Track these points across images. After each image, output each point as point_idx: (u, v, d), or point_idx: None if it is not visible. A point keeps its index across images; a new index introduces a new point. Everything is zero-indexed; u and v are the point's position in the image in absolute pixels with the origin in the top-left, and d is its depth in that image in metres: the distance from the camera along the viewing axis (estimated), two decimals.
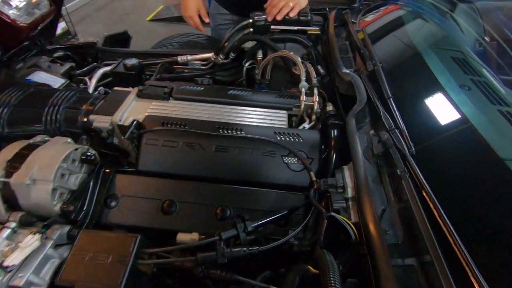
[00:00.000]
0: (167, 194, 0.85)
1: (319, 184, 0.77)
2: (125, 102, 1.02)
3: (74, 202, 0.77)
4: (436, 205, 0.54)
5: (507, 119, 0.70)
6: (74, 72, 1.50)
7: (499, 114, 0.71)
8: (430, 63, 0.87)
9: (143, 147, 0.90)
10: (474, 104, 0.74)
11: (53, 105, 1.00)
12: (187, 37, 1.97)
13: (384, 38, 1.20)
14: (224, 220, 0.82)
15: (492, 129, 0.65)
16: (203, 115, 1.00)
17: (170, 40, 1.95)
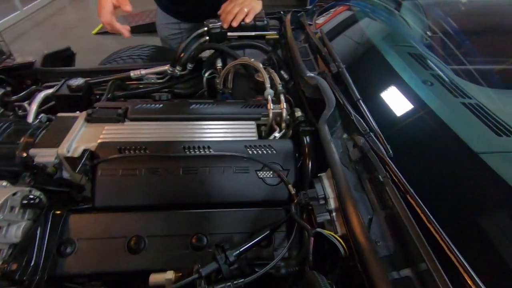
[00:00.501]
0: (132, 229, 0.76)
1: (299, 198, 0.72)
2: (72, 130, 0.90)
3: (17, 258, 0.65)
4: (423, 209, 0.52)
5: (472, 111, 0.71)
6: (9, 98, 1.32)
7: (463, 106, 0.73)
8: (391, 60, 0.88)
9: (99, 180, 0.79)
10: (439, 99, 0.74)
11: None
12: (138, 49, 1.85)
13: (340, 39, 1.20)
14: (202, 250, 0.75)
15: (462, 123, 0.66)
16: (165, 136, 0.91)
17: (120, 54, 1.81)
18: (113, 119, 0.95)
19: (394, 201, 0.55)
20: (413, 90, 0.77)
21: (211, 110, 1.00)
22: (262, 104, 1.03)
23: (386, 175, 0.59)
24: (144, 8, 4.54)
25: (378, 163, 0.62)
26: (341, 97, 0.83)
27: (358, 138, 0.67)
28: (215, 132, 0.94)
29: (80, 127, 0.91)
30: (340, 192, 0.62)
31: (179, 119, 0.98)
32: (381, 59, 0.92)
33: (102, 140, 0.87)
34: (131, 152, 0.83)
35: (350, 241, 0.58)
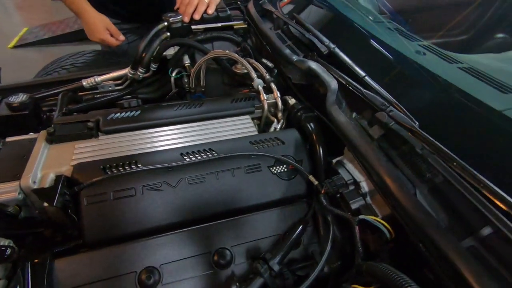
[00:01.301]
0: (140, 261, 0.63)
1: (326, 187, 0.67)
2: (33, 155, 0.72)
3: None
4: (473, 172, 0.50)
5: (470, 74, 0.73)
6: None
7: (462, 71, 0.74)
8: (380, 35, 0.87)
9: (85, 210, 0.63)
10: (439, 66, 0.75)
11: None
12: (81, 56, 1.61)
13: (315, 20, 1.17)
14: (228, 266, 0.65)
15: (471, 85, 0.66)
16: (154, 145, 0.78)
17: (60, 64, 1.56)
18: (83, 135, 0.78)
19: (441, 170, 0.53)
20: (413, 60, 0.77)
21: (199, 109, 0.89)
22: (251, 96, 0.96)
23: (423, 146, 0.56)
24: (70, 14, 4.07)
25: (409, 136, 0.59)
26: (342, 77, 0.80)
27: (380, 114, 0.64)
28: (210, 132, 0.83)
29: (42, 150, 0.74)
30: (375, 171, 0.58)
31: (165, 124, 0.85)
32: (366, 35, 0.90)
33: (76, 162, 0.71)
34: (120, 169, 0.69)
35: (400, 219, 0.54)
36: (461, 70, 0.73)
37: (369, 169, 0.61)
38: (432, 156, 0.55)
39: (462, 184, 0.51)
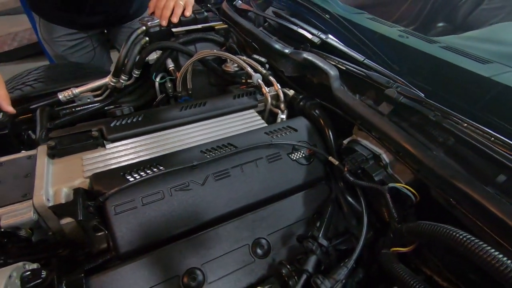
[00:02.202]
0: (182, 264, 0.60)
1: (349, 164, 0.71)
2: (38, 172, 0.65)
3: None
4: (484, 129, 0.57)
5: (451, 51, 0.82)
6: None
7: (444, 49, 0.84)
8: (361, 22, 0.94)
9: (115, 221, 0.59)
10: (425, 46, 0.84)
11: None
12: (44, 70, 1.48)
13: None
14: (268, 255, 0.65)
15: (458, 59, 0.76)
16: (168, 146, 0.76)
17: (21, 80, 1.41)
18: (89, 145, 0.73)
19: (456, 131, 0.60)
20: (401, 43, 0.85)
21: (204, 108, 0.88)
22: (250, 91, 0.97)
23: (436, 113, 0.63)
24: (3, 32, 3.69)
25: (421, 106, 0.65)
26: (341, 63, 0.85)
27: (389, 90, 0.70)
28: (221, 129, 0.83)
29: (47, 166, 0.67)
30: (395, 140, 0.64)
31: (172, 126, 0.83)
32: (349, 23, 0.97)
33: (89, 173, 0.66)
34: (142, 174, 0.66)
35: (425, 180, 0.60)
36: (442, 48, 0.83)
37: (388, 141, 0.66)
38: (445, 120, 0.61)
39: (476, 139, 0.57)
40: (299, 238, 0.63)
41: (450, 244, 0.48)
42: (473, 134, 0.59)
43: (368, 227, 0.63)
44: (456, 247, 0.46)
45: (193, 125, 0.84)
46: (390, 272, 0.55)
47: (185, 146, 0.76)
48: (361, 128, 0.75)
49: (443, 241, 0.49)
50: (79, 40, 1.66)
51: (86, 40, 1.67)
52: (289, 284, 0.57)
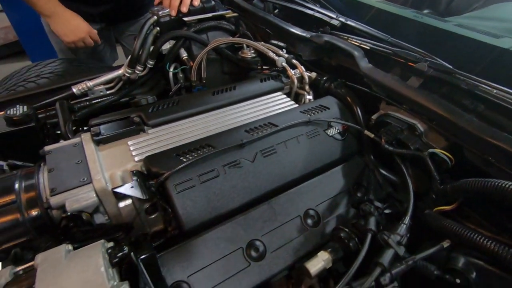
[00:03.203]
0: (243, 236, 0.63)
1: (385, 136, 0.75)
2: (90, 158, 0.65)
3: None
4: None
5: (467, 29, 0.89)
6: None
7: (458, 26, 0.90)
8: (380, 5, 0.98)
9: (177, 199, 0.61)
10: (441, 24, 0.89)
11: None
12: (45, 66, 1.43)
13: None
14: (318, 224, 0.69)
15: (477, 36, 0.82)
16: (209, 129, 0.77)
17: (22, 77, 1.36)
18: (132, 131, 0.73)
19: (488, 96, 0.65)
20: (420, 22, 0.90)
21: (235, 93, 0.90)
22: (274, 75, 1.00)
23: (465, 80, 0.68)
24: None
25: (450, 76, 0.71)
26: (365, 43, 0.89)
27: (420, 64, 0.75)
28: (255, 111, 0.85)
29: (96, 152, 0.67)
30: (431, 109, 0.69)
31: (207, 110, 0.84)
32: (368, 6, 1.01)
33: (139, 157, 0.67)
34: (192, 154, 0.67)
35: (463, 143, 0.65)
36: (457, 26, 0.89)
37: (423, 110, 0.71)
38: (477, 87, 0.67)
39: (508, 102, 0.63)
40: (354, 204, 0.67)
41: (500, 195, 0.53)
42: (503, 100, 0.65)
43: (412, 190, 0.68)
44: (507, 197, 0.51)
45: (228, 108, 0.85)
46: (440, 227, 0.60)
47: (224, 128, 0.78)
48: (391, 102, 0.80)
49: (492, 194, 0.54)
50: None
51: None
52: (349, 246, 0.61)
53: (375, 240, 0.57)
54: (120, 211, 0.64)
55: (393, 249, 0.53)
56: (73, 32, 1.35)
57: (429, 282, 0.58)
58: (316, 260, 0.59)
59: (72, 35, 1.35)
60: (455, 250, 0.58)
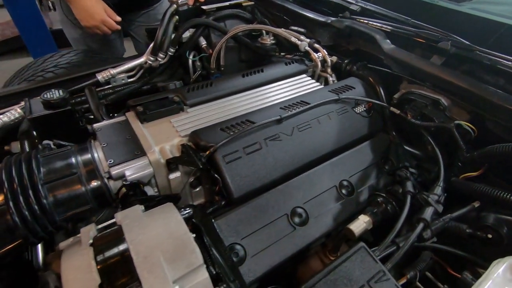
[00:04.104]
0: (286, 204, 0.67)
1: (411, 112, 0.80)
2: (139, 134, 0.69)
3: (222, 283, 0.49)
4: None
5: (479, 11, 0.94)
6: None
7: (471, 9, 0.95)
8: None
9: (226, 169, 0.64)
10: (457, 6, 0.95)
11: (15, 194, 0.54)
12: (61, 57, 1.45)
13: None
14: (353, 194, 0.73)
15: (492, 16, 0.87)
16: (244, 108, 0.81)
17: (39, 67, 1.38)
18: (173, 110, 0.77)
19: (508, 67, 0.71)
20: (435, 5, 0.95)
21: (263, 75, 0.94)
22: (296, 59, 1.04)
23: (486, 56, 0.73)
24: None
25: (472, 53, 0.76)
26: (385, 26, 0.93)
27: (443, 43, 0.80)
28: (286, 91, 0.89)
29: (143, 129, 0.70)
30: (454, 83, 0.73)
31: (239, 91, 0.88)
32: None
33: (184, 132, 0.71)
34: (234, 129, 0.71)
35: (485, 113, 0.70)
36: (472, 9, 0.94)
37: (447, 86, 0.76)
38: (499, 62, 0.72)
39: None
40: (390, 171, 0.72)
41: None
42: None
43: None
44: None
45: (259, 89, 0.89)
46: (469, 190, 0.66)
47: (258, 107, 0.82)
48: (413, 80, 0.85)
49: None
50: None
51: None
52: (387, 209, 0.65)
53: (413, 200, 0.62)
54: (169, 183, 0.67)
55: (432, 207, 0.58)
56: (90, 15, 1.36)
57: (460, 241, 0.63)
58: (358, 222, 0.63)
59: (90, 19, 1.36)
60: (485, 209, 0.63)
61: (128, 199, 0.61)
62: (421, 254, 0.63)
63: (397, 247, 0.57)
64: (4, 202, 0.53)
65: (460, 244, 0.65)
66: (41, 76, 1.33)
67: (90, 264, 0.39)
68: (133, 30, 1.83)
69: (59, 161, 0.61)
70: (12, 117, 0.94)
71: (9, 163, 0.58)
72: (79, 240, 0.44)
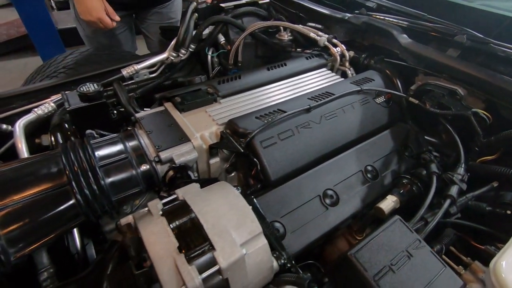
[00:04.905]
0: (318, 186, 0.72)
1: (429, 101, 0.85)
2: (180, 122, 0.73)
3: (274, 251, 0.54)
4: None
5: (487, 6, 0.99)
6: None
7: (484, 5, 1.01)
8: None
9: (264, 154, 0.69)
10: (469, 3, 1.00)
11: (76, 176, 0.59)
12: (80, 54, 1.49)
13: None
14: (377, 178, 0.79)
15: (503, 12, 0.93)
16: (273, 98, 0.86)
17: (60, 65, 1.41)
18: (208, 100, 0.82)
19: None
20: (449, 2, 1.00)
21: (287, 68, 0.99)
22: (316, 54, 1.09)
23: (500, 48, 0.79)
24: None
25: (487, 46, 0.81)
26: (401, 22, 0.99)
27: (459, 37, 0.85)
28: (310, 83, 0.95)
29: (182, 118, 0.75)
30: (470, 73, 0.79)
31: (266, 83, 0.93)
32: None
33: (221, 121, 0.76)
34: (267, 118, 0.76)
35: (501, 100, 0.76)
36: (482, 5, 1.00)
37: (463, 76, 0.81)
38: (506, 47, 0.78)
39: None
40: (414, 155, 0.77)
41: None
42: None
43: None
44: None
45: (284, 81, 0.94)
46: (488, 172, 0.71)
47: (286, 97, 0.87)
48: (430, 72, 0.90)
49: None
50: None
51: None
52: (413, 189, 0.71)
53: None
54: (209, 168, 0.72)
55: (457, 185, 0.63)
56: (88, 11, 1.38)
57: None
58: (387, 201, 0.68)
59: (88, 15, 1.38)
60: (503, 188, 0.69)
61: (175, 182, 0.66)
62: (444, 231, 0.68)
63: (425, 222, 0.62)
64: (67, 183, 0.57)
65: (479, 222, 0.70)
66: (64, 73, 1.37)
67: (166, 230, 0.43)
68: (145, 28, 1.87)
69: (111, 147, 0.66)
70: (46, 110, 0.98)
71: (66, 149, 0.62)
72: (148, 213, 0.48)
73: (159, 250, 0.41)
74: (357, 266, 0.49)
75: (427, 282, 0.49)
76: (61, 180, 0.57)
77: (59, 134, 0.93)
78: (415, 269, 0.50)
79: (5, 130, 1.02)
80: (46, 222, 0.54)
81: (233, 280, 0.43)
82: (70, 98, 0.91)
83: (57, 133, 0.94)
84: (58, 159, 0.61)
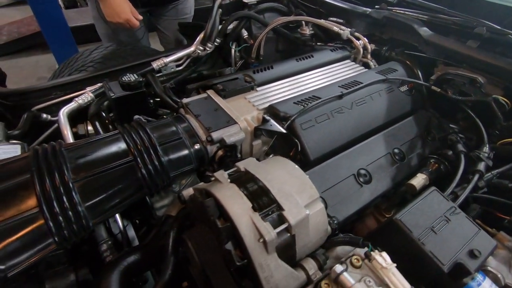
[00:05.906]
0: (352, 166, 0.78)
1: (451, 89, 0.91)
2: (225, 107, 0.79)
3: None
4: None
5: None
6: (13, 133, 0.96)
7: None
8: None
9: (304, 135, 0.75)
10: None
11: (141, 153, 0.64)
12: (105, 49, 1.54)
13: None
14: (404, 160, 0.85)
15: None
16: (305, 87, 0.93)
17: (88, 59, 1.47)
18: (247, 88, 0.88)
19: None
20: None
21: (314, 59, 1.05)
22: (338, 46, 1.15)
23: None
24: None
25: (506, 37, 0.87)
26: (421, 15, 1.05)
27: (479, 29, 0.91)
28: (337, 73, 1.01)
29: (226, 103, 0.81)
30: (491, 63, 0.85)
31: (296, 73, 0.99)
32: None
33: (262, 106, 0.82)
34: (304, 103, 0.82)
35: None
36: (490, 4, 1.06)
37: (483, 65, 0.88)
38: None
39: None
40: (440, 138, 0.83)
41: None
42: None
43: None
44: None
45: (313, 71, 1.00)
46: (509, 153, 0.77)
47: (317, 86, 0.93)
48: (449, 62, 0.96)
49: None
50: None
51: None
52: (441, 168, 0.77)
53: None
54: (251, 149, 0.78)
55: (484, 162, 0.69)
56: (116, 14, 1.43)
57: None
58: (417, 179, 0.75)
59: (115, 17, 1.43)
60: None
61: (224, 160, 0.72)
62: (470, 206, 0.74)
63: (455, 196, 0.68)
64: (133, 159, 0.63)
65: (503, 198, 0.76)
66: (92, 67, 1.43)
67: (239, 193, 0.49)
68: (161, 24, 1.92)
69: (165, 129, 0.72)
70: (86, 100, 1.04)
71: (127, 130, 0.68)
72: (215, 181, 0.54)
73: (237, 210, 0.47)
74: (403, 228, 0.55)
75: (465, 242, 0.55)
76: (127, 156, 0.63)
77: (97, 123, 0.99)
78: (454, 231, 0.56)
79: (45, 119, 1.09)
80: (117, 193, 0.60)
81: (299, 237, 0.49)
82: (113, 87, 0.97)
83: (95, 121, 1.00)
84: (120, 140, 0.66)
